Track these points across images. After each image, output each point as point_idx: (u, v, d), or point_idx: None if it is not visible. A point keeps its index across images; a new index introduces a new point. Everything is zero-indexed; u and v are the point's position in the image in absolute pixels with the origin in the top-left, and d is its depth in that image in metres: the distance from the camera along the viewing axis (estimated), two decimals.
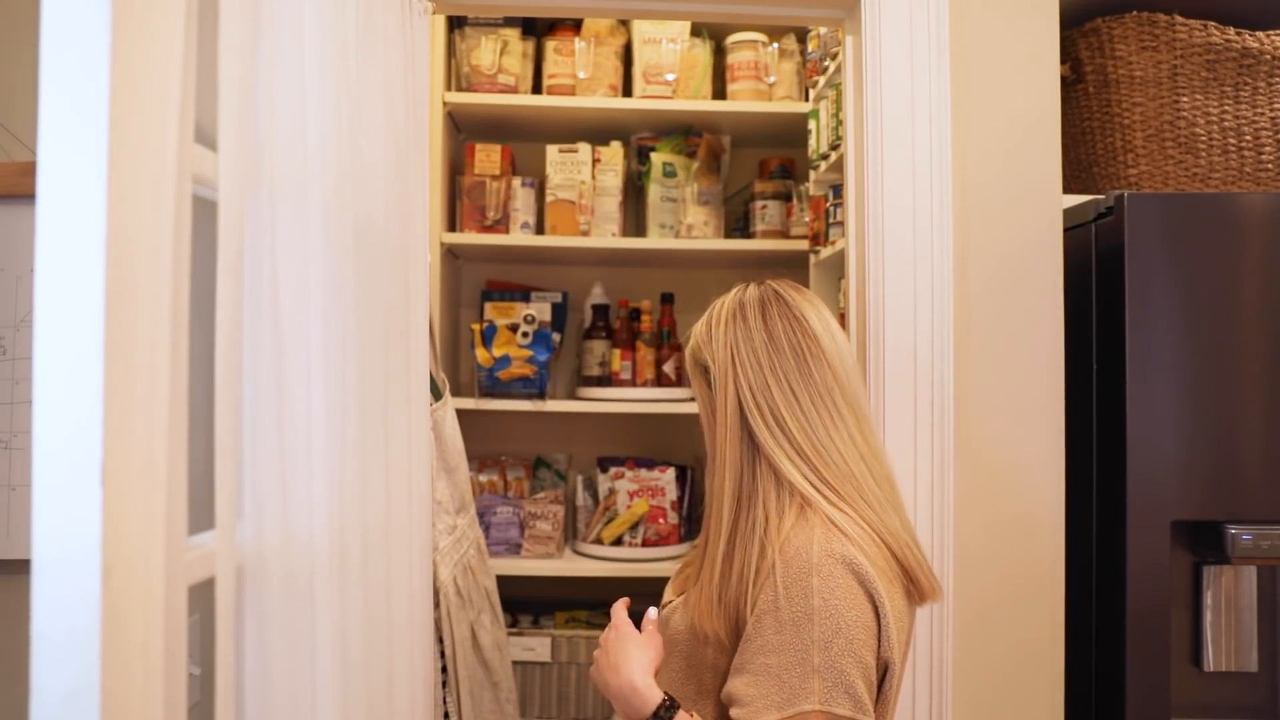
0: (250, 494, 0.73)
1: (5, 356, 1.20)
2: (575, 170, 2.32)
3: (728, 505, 0.99)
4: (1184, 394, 1.33)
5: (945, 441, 1.36)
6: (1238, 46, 1.53)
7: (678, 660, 1.04)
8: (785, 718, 0.88)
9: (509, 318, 2.29)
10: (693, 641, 1.02)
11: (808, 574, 0.91)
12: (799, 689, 0.88)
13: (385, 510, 1.04)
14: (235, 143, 0.66)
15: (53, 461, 0.50)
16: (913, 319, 1.37)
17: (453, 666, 1.54)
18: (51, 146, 0.51)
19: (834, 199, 1.96)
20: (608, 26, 2.33)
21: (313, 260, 0.80)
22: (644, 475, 2.28)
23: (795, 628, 0.90)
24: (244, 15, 0.68)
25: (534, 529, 2.23)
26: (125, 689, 0.53)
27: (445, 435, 1.61)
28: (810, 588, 0.91)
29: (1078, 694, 1.42)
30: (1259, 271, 1.35)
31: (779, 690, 0.89)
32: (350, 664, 0.88)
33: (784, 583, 0.92)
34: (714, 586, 0.98)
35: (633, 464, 2.31)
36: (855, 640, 0.90)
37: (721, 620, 0.97)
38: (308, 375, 0.79)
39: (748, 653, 0.93)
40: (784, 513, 0.97)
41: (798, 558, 0.92)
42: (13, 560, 1.17)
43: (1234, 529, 1.30)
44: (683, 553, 2.21)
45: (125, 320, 0.52)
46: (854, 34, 1.47)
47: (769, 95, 2.35)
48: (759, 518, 0.97)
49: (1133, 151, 1.58)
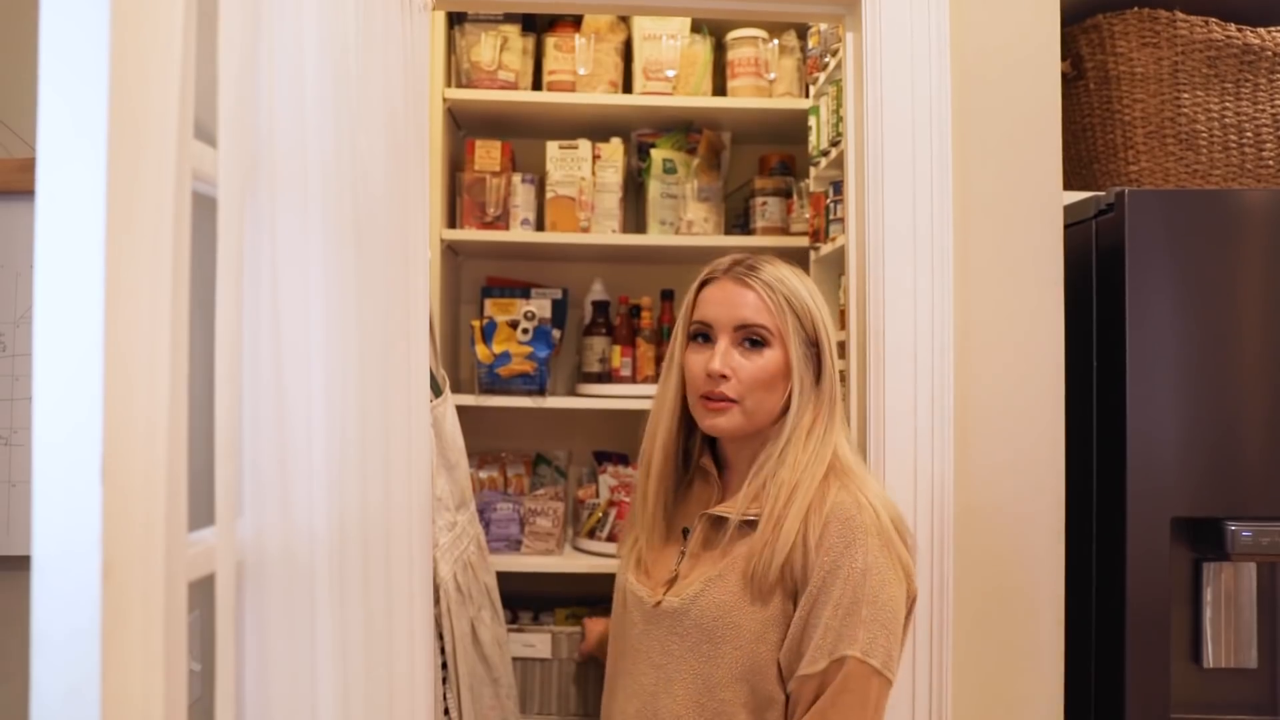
0: (250, 490, 0.73)
1: (5, 353, 1.19)
2: (575, 167, 2.32)
3: (806, 475, 1.10)
4: (1184, 390, 1.33)
5: (945, 438, 1.36)
6: (1239, 43, 1.52)
7: (732, 649, 1.07)
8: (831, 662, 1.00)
9: (509, 314, 2.29)
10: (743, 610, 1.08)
11: (864, 534, 1.04)
12: (848, 635, 1.00)
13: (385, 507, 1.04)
14: (235, 139, 0.66)
15: (53, 457, 0.50)
16: (913, 315, 1.37)
17: (453, 663, 1.54)
18: (51, 142, 0.51)
19: (834, 195, 1.96)
20: (608, 23, 2.33)
21: (312, 256, 0.80)
22: (622, 472, 2.29)
23: (850, 584, 1.02)
24: (244, 11, 0.68)
25: (534, 525, 2.23)
26: (125, 685, 0.53)
27: (445, 432, 1.61)
28: (865, 547, 1.03)
29: (1077, 690, 1.42)
30: (1259, 268, 1.35)
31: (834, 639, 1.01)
32: (350, 660, 0.88)
33: (843, 543, 1.03)
34: (779, 549, 1.06)
35: (617, 460, 2.33)
36: (896, 597, 1.04)
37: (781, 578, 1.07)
38: (308, 371, 0.79)
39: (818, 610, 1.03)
40: (829, 480, 1.09)
41: (851, 520, 1.05)
42: (13, 556, 1.17)
43: (1234, 525, 1.30)
44: None
45: (125, 316, 0.52)
46: (854, 30, 1.46)
47: (769, 91, 2.35)
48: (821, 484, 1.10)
49: (1133, 148, 1.58)
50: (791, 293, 1.14)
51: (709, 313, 1.16)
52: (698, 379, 1.15)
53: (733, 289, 1.14)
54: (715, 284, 1.17)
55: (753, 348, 1.13)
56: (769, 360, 1.13)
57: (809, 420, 1.13)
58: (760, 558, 1.06)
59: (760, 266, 1.15)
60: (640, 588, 1.17)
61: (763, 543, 1.07)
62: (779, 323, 1.12)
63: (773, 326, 1.13)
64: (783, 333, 1.12)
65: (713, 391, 1.13)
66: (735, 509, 1.12)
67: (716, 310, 1.15)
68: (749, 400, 1.13)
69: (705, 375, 1.13)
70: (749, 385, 1.12)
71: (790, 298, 1.13)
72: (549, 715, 2.18)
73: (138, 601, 0.54)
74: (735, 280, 1.15)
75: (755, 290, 1.13)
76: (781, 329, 1.12)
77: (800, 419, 1.13)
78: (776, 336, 1.13)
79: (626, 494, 2.25)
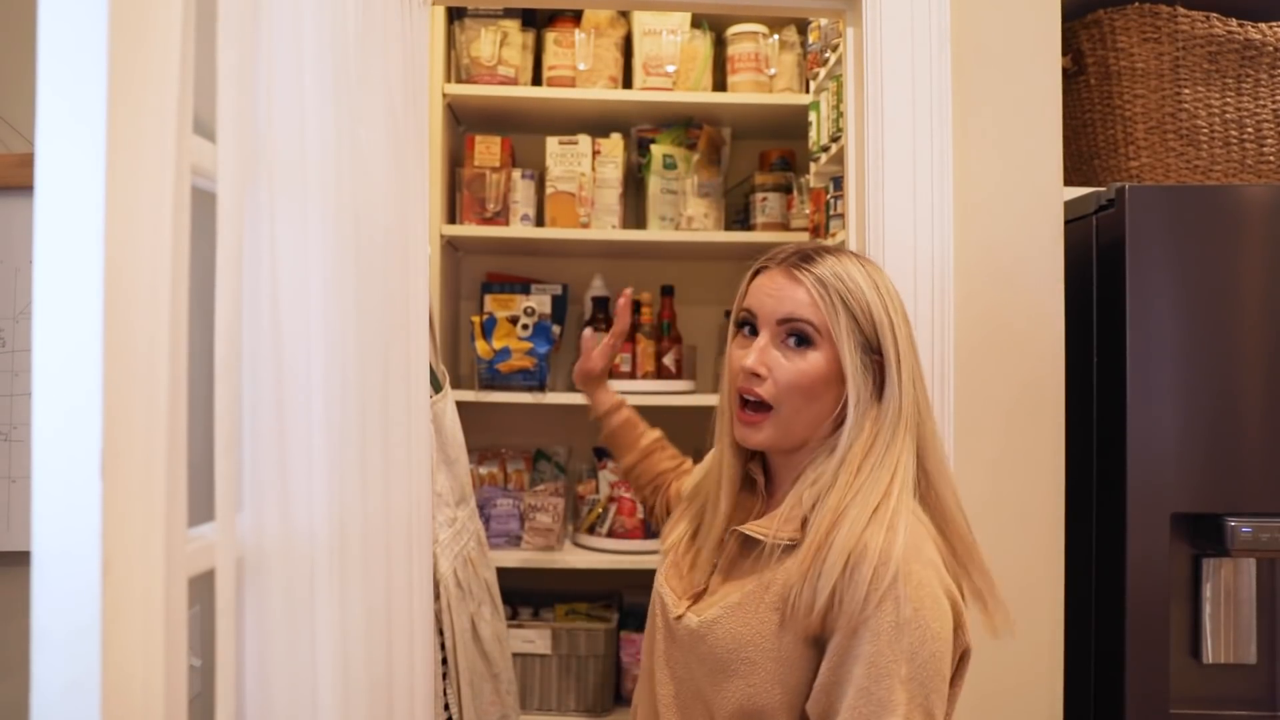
0: (250, 486, 0.73)
1: (4, 349, 1.19)
2: (575, 162, 2.32)
3: (857, 501, 0.95)
4: (1184, 386, 1.33)
5: (945, 434, 1.36)
6: (1240, 38, 1.52)
7: (743, 684, 0.96)
8: None
9: (509, 310, 2.29)
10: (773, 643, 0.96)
11: (894, 583, 0.89)
12: (886, 700, 0.87)
13: (385, 502, 1.04)
14: (234, 134, 0.66)
15: (52, 453, 0.50)
16: (913, 311, 1.37)
17: (453, 658, 1.54)
18: (50, 138, 0.51)
19: (834, 191, 1.96)
20: (608, 18, 2.33)
21: (312, 252, 0.80)
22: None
23: (883, 640, 0.88)
24: (243, 6, 0.68)
25: (534, 521, 2.23)
26: (126, 681, 0.53)
27: (445, 427, 1.61)
28: (898, 599, 0.88)
29: (1077, 685, 1.42)
30: (1260, 264, 1.35)
31: (867, 701, 0.88)
32: (350, 656, 0.88)
33: (868, 596, 0.89)
34: (823, 587, 0.92)
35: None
36: (940, 653, 0.89)
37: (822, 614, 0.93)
38: (307, 367, 0.79)
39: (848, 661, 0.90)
40: (877, 515, 0.94)
41: (887, 564, 0.89)
42: (13, 552, 1.17)
43: (1233, 521, 1.30)
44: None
45: (124, 312, 0.52)
46: (855, 25, 1.46)
47: (769, 87, 2.35)
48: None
49: (1134, 144, 1.58)
50: (851, 292, 0.98)
51: (754, 302, 1.03)
52: (735, 373, 1.03)
53: (783, 280, 1.01)
54: (767, 273, 1.04)
55: (798, 346, 0.99)
56: (812, 363, 0.98)
57: (868, 440, 0.97)
58: (800, 593, 0.93)
59: (819, 259, 1.01)
60: (669, 593, 1.08)
61: (802, 575, 0.93)
62: (829, 322, 0.98)
63: (820, 323, 0.98)
64: (832, 333, 0.98)
65: (747, 389, 1.01)
66: (770, 529, 0.99)
67: (763, 300, 1.02)
68: (785, 407, 1.00)
69: (741, 370, 1.01)
70: (785, 389, 0.99)
71: (847, 297, 0.98)
72: (549, 711, 2.18)
73: (138, 597, 0.54)
74: (786, 272, 1.01)
75: (805, 285, 0.99)
76: (831, 329, 0.98)
77: (856, 436, 0.97)
78: (824, 336, 0.98)
79: (626, 490, 2.25)
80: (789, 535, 0.97)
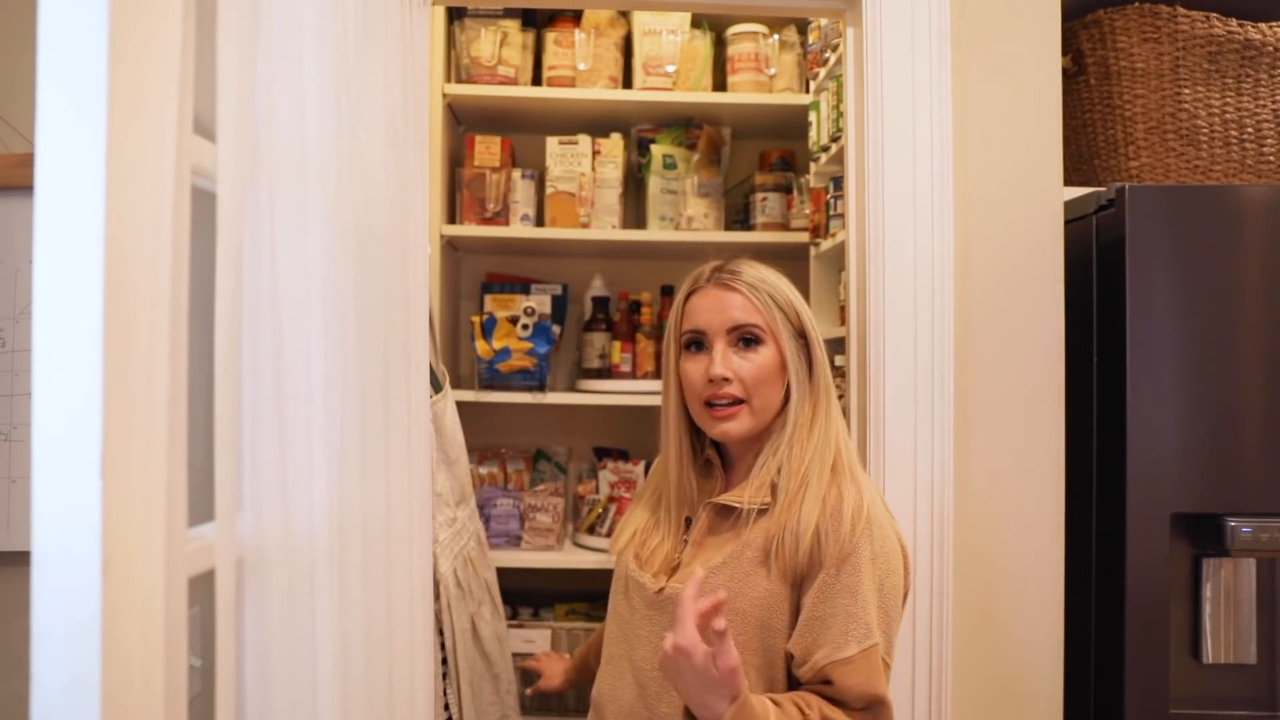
0: (250, 486, 0.73)
1: (4, 349, 1.19)
2: (575, 162, 2.32)
3: (816, 460, 1.14)
4: (1184, 386, 1.33)
5: (945, 434, 1.36)
6: (1240, 38, 1.52)
7: (734, 634, 1.06)
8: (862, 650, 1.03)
9: (509, 310, 2.29)
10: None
11: (868, 525, 1.07)
12: (870, 626, 1.04)
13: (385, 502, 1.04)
14: (234, 134, 0.66)
15: (52, 454, 0.50)
16: (913, 311, 1.37)
17: (453, 658, 1.54)
18: (50, 138, 0.51)
19: (834, 191, 1.96)
20: (608, 18, 2.33)
21: (312, 252, 0.80)
22: (621, 468, 2.29)
23: (860, 573, 1.05)
24: (243, 5, 0.68)
25: (534, 521, 2.23)
26: (126, 681, 0.53)
27: (445, 427, 1.61)
28: (871, 536, 1.07)
29: (1077, 686, 1.42)
30: (1260, 264, 1.35)
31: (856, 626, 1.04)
32: (350, 656, 0.88)
33: (854, 533, 1.06)
34: (804, 530, 1.08)
35: (616, 456, 2.33)
36: (898, 586, 1.09)
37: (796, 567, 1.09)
38: (307, 367, 0.79)
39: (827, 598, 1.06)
40: (835, 476, 1.13)
41: (859, 511, 1.07)
42: (13, 552, 1.17)
43: (1233, 521, 1.30)
44: None
45: (124, 312, 0.52)
46: (855, 25, 1.46)
47: (769, 87, 2.35)
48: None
49: (1134, 144, 1.58)
50: (775, 290, 1.18)
51: (700, 320, 1.18)
52: (698, 386, 1.17)
53: (719, 294, 1.18)
54: (701, 293, 1.20)
55: (747, 347, 1.16)
56: (765, 357, 1.16)
57: (809, 410, 1.17)
58: (782, 540, 1.08)
59: (741, 269, 1.19)
60: (643, 574, 1.19)
61: (781, 525, 1.09)
62: (768, 319, 1.16)
63: (763, 324, 1.16)
64: (773, 329, 1.16)
65: (717, 395, 1.16)
66: (744, 497, 1.14)
67: (708, 317, 1.18)
68: (755, 399, 1.16)
69: (707, 381, 1.16)
70: (752, 383, 1.15)
71: (774, 295, 1.17)
72: (549, 711, 2.18)
73: (138, 597, 0.54)
74: (720, 285, 1.18)
75: (740, 292, 1.17)
76: (771, 325, 1.16)
77: (801, 410, 1.16)
78: (768, 333, 1.16)
79: (626, 489, 2.25)
80: (762, 500, 1.13)
